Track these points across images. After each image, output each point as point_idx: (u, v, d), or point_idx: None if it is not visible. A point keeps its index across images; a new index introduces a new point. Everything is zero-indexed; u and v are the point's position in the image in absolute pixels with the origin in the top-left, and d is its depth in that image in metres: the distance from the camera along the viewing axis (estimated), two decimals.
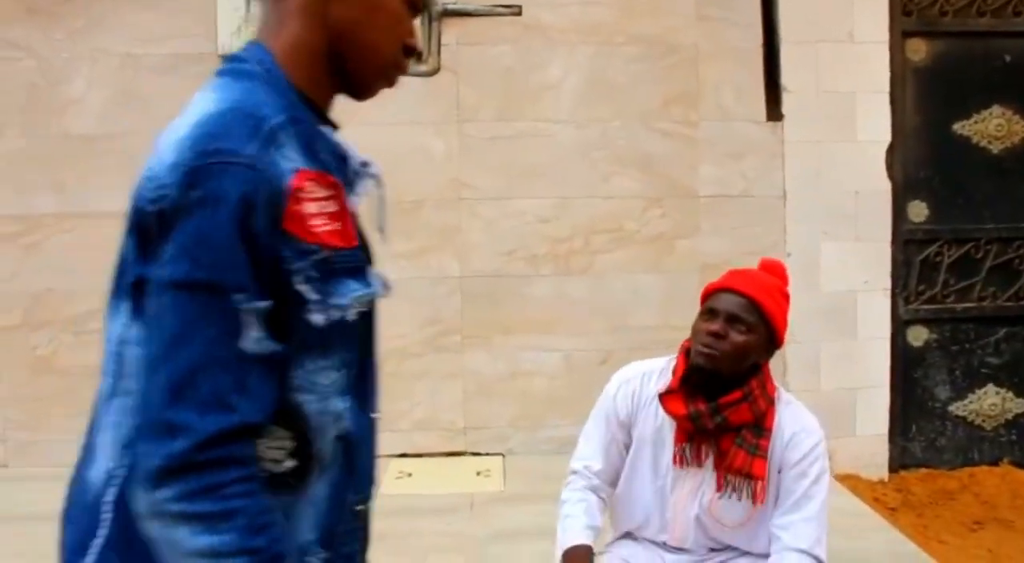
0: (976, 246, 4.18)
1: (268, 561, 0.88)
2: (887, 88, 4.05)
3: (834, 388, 4.04)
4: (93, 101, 3.91)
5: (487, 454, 3.86)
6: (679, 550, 2.12)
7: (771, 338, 1.98)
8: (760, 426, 1.99)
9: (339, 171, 1.02)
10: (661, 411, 2.05)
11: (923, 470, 4.25)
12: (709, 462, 2.02)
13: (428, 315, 3.87)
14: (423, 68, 3.91)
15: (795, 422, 2.03)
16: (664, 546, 2.15)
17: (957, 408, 4.27)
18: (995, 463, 4.30)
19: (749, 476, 1.98)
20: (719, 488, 2.02)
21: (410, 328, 3.85)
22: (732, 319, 1.94)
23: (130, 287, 0.95)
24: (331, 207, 0.95)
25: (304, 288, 0.92)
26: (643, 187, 3.96)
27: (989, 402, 4.28)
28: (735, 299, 1.96)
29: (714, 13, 3.97)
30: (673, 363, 2.11)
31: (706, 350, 1.95)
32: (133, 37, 3.88)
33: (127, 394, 0.93)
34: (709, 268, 3.55)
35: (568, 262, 3.94)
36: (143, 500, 0.87)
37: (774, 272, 2.05)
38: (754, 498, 1.98)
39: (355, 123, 3.94)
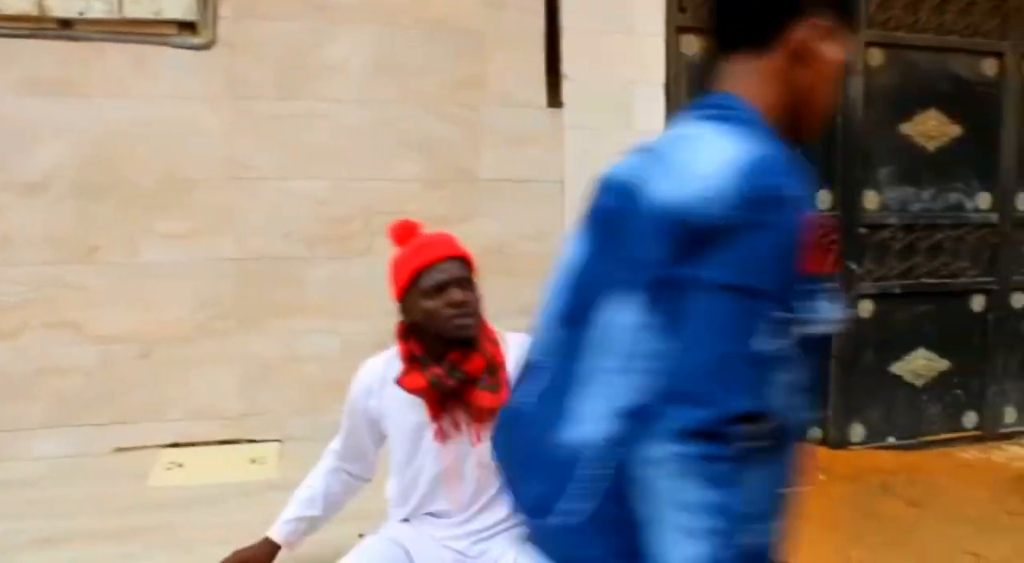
0: None
1: (747, 529, 1.04)
2: (662, 80, 4.22)
3: None
4: None
5: (264, 441, 3.77)
6: (455, 524, 2.20)
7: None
8: (494, 365, 2.11)
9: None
10: (406, 397, 2.12)
11: None
12: (466, 424, 2.12)
13: (202, 298, 3.73)
14: (196, 40, 3.74)
15: (520, 346, 2.14)
16: (447, 514, 2.21)
17: None
18: None
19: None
20: (480, 438, 2.10)
21: (184, 312, 3.70)
22: (461, 282, 2.07)
23: (648, 283, 1.14)
24: (824, 243, 1.14)
25: (808, 305, 1.11)
26: (425, 170, 3.96)
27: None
28: (453, 265, 2.09)
29: None
30: (395, 355, 2.21)
31: (462, 321, 2.05)
32: None
33: (616, 372, 1.14)
34: (489, 252, 3.60)
35: (347, 244, 3.89)
36: (662, 451, 1.03)
37: (431, 232, 2.23)
38: None
39: (119, 96, 3.78)
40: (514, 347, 2.15)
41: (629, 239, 1.20)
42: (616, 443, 1.13)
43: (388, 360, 2.24)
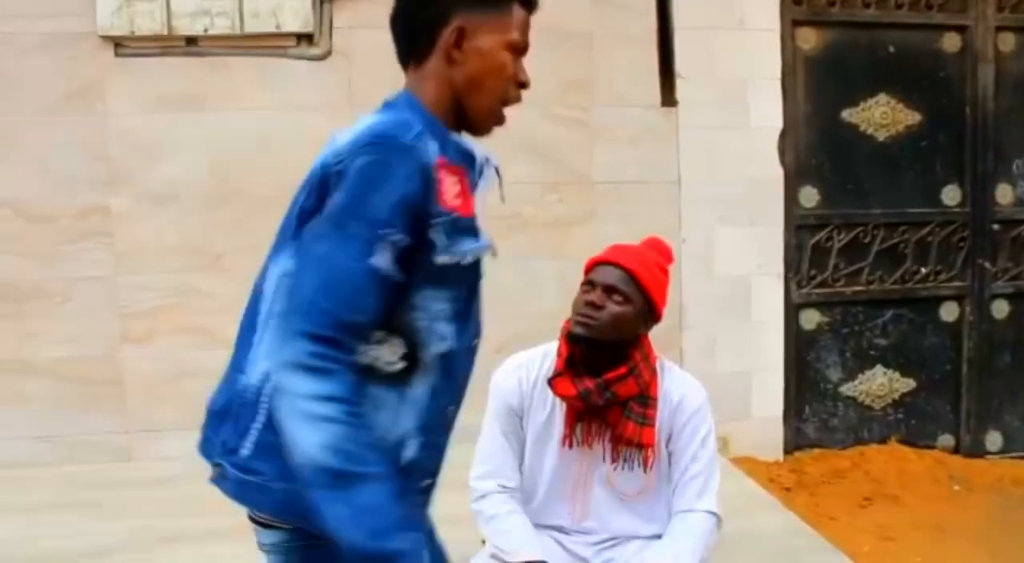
0: (864, 231, 4.29)
1: (348, 413, 1.16)
2: (778, 75, 4.12)
3: (729, 371, 4.10)
4: None
5: None
6: (578, 532, 2.15)
7: (649, 310, 2.02)
8: (646, 396, 2.04)
9: (467, 164, 1.40)
10: (551, 396, 2.09)
11: (816, 450, 4.36)
12: (601, 439, 2.07)
13: None
14: (313, 51, 3.82)
15: (679, 387, 2.09)
16: (562, 530, 2.17)
17: (848, 389, 4.39)
18: (883, 441, 4.43)
19: (640, 445, 2.03)
20: (613, 460, 2.07)
21: None
22: (609, 290, 1.99)
23: (297, 232, 1.30)
24: (457, 186, 1.32)
25: (437, 237, 1.27)
26: (540, 173, 3.95)
27: (878, 382, 4.41)
28: (613, 271, 2.01)
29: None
30: (555, 347, 2.13)
31: (583, 319, 1.99)
32: (6, 14, 3.68)
33: (278, 316, 1.24)
34: None
35: None
36: (280, 356, 1.19)
37: (656, 248, 2.10)
38: (645, 464, 2.04)
39: (241, 108, 3.88)
40: (675, 385, 2.08)
41: (294, 201, 1.37)
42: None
43: (544, 356, 2.18)
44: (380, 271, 1.23)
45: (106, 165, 3.75)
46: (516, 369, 2.16)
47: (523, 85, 1.49)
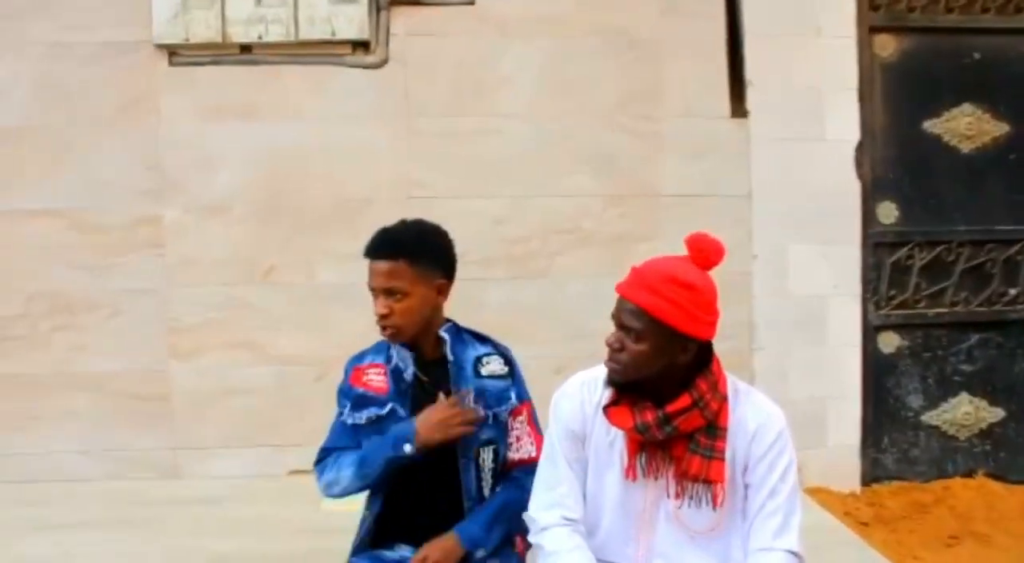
0: (948, 249, 4.03)
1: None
2: (855, 85, 3.90)
3: (803, 397, 3.86)
4: (17, 92, 3.66)
5: None
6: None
7: (676, 339, 1.78)
8: (714, 426, 1.83)
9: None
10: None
11: (896, 483, 4.08)
12: (665, 472, 1.87)
13: (372, 321, 3.64)
14: (369, 59, 3.71)
15: (757, 414, 1.86)
16: None
17: (930, 417, 4.11)
18: (970, 475, 4.13)
19: (707, 481, 1.83)
20: (678, 495, 1.86)
21: (358, 334, 3.58)
22: (624, 328, 1.79)
23: None
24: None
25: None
26: (602, 186, 3.78)
27: (963, 411, 4.11)
28: (623, 305, 1.81)
29: (678, 6, 3.81)
30: None
31: (607, 364, 1.82)
32: (62, 24, 3.65)
33: None
34: None
35: (524, 265, 3.75)
36: None
37: (692, 252, 1.85)
38: (714, 502, 1.83)
39: (295, 117, 3.80)
40: (751, 412, 1.87)
41: None
42: None
43: (592, 378, 1.99)
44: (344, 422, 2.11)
45: (158, 175, 3.68)
46: (578, 390, 1.97)
47: (377, 316, 2.02)
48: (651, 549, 1.93)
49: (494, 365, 2.14)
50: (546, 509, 1.96)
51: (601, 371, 1.99)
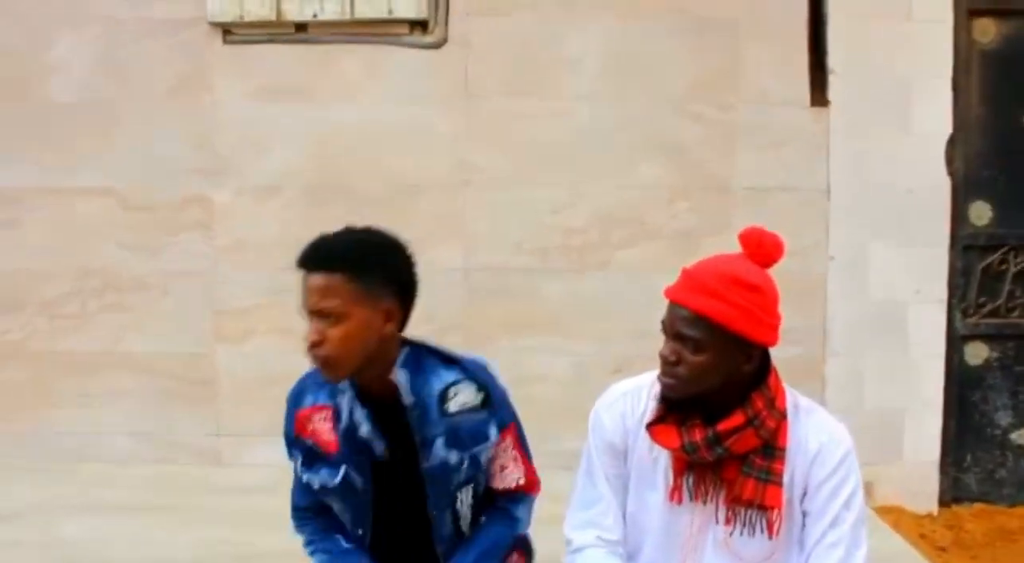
0: None
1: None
2: (949, 73, 3.60)
3: (879, 408, 3.60)
4: (75, 68, 3.62)
5: None
6: None
7: (740, 346, 1.60)
8: (771, 447, 1.64)
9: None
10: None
11: (979, 505, 3.78)
12: (714, 496, 1.68)
13: (427, 310, 3.47)
14: (428, 39, 3.57)
15: (819, 433, 1.67)
16: None
17: (1020, 436, 3.80)
18: None
19: (762, 507, 1.64)
20: (729, 521, 1.67)
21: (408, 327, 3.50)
22: (679, 338, 1.59)
23: None
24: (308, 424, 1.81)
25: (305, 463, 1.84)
26: (670, 176, 3.57)
27: None
28: (678, 313, 1.61)
29: None
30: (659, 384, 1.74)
31: (662, 379, 1.62)
32: (118, 0, 3.59)
33: None
34: None
35: (583, 257, 3.57)
36: None
37: (752, 250, 1.66)
38: (769, 530, 1.64)
39: (350, 99, 3.67)
40: (813, 431, 1.68)
41: None
42: None
43: (653, 386, 1.80)
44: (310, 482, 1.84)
45: (210, 155, 3.60)
46: (619, 400, 1.78)
47: (308, 345, 1.66)
48: None
49: (463, 396, 1.77)
50: (581, 529, 1.78)
51: (645, 380, 1.79)
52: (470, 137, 3.57)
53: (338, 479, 1.76)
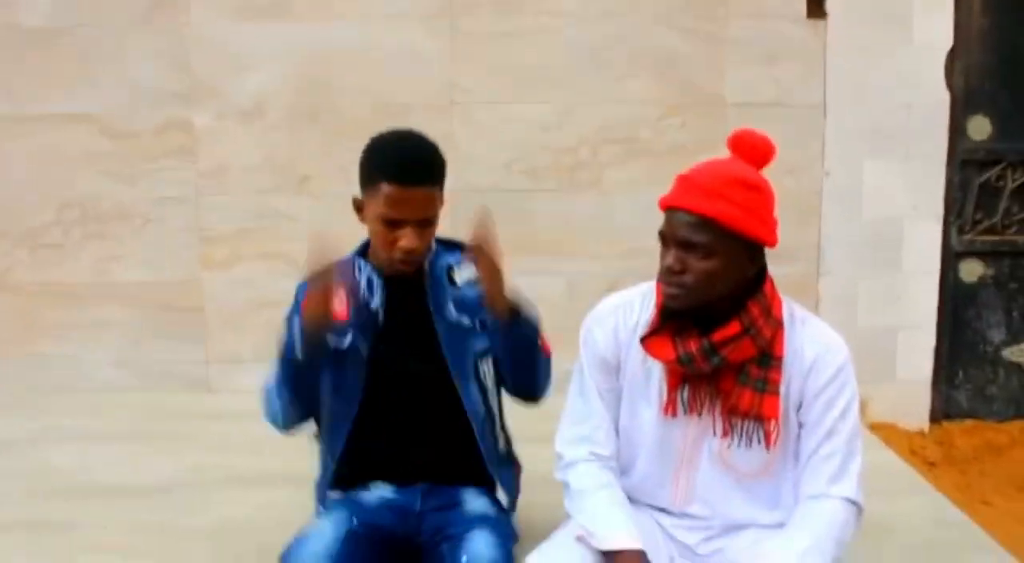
0: None
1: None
2: None
3: (872, 326, 3.58)
4: None
5: None
6: (684, 515, 1.76)
7: (748, 248, 1.58)
8: (768, 356, 1.62)
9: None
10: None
11: (968, 421, 3.80)
12: (711, 408, 1.68)
13: None
14: None
15: (816, 344, 1.65)
16: (664, 512, 1.79)
17: (1011, 353, 3.79)
18: None
19: (759, 418, 1.63)
20: (726, 433, 1.67)
21: None
22: (685, 245, 1.56)
23: None
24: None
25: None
26: (660, 92, 3.47)
27: None
28: (682, 219, 1.57)
29: None
30: (653, 294, 1.73)
31: (668, 289, 1.60)
32: None
33: None
34: None
35: (574, 176, 3.49)
36: None
37: (742, 152, 1.64)
38: (766, 441, 1.64)
39: (334, 16, 3.54)
40: (808, 341, 1.65)
41: None
42: None
43: (644, 298, 1.76)
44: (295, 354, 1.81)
45: (188, 78, 3.48)
46: (611, 313, 1.77)
47: (406, 251, 1.79)
48: (690, 492, 1.74)
49: (466, 272, 1.92)
50: (573, 444, 1.78)
51: (636, 293, 1.78)
52: (456, 57, 3.46)
53: (346, 343, 1.85)
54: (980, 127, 3.63)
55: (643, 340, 1.66)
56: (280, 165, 3.50)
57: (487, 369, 1.94)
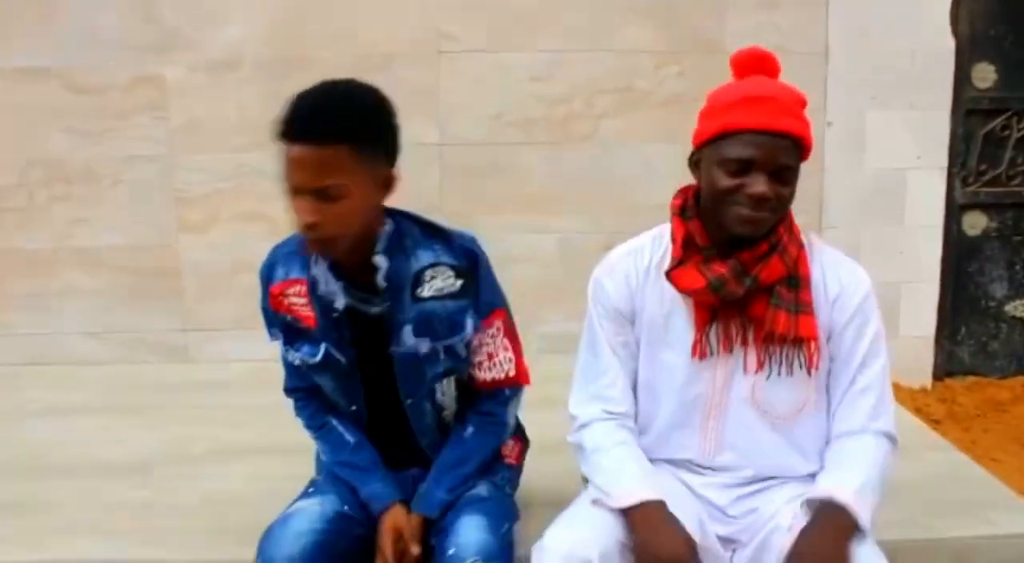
0: None
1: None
2: None
3: (875, 282, 3.40)
4: None
5: None
6: (709, 469, 1.67)
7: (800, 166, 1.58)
8: (795, 277, 1.55)
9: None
10: (667, 293, 1.62)
11: (971, 378, 3.74)
12: (743, 341, 1.59)
13: (403, 189, 3.27)
14: None
15: (837, 273, 1.61)
16: (691, 469, 1.69)
17: (1014, 308, 3.71)
18: None
19: (798, 340, 1.55)
20: (761, 366, 1.58)
21: None
22: (780, 171, 1.50)
23: None
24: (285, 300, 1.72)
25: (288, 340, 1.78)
26: (658, 40, 3.32)
27: None
28: (777, 144, 1.49)
29: None
30: (667, 232, 1.65)
31: (754, 215, 1.50)
32: None
33: None
34: None
35: (567, 128, 3.34)
36: None
37: (765, 61, 1.61)
38: (808, 365, 1.56)
39: None
40: (831, 270, 1.62)
41: None
42: None
43: (654, 241, 1.67)
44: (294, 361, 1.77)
45: (158, 29, 3.27)
46: (620, 262, 1.67)
47: (302, 227, 1.52)
48: (720, 441, 1.65)
49: (439, 281, 1.65)
50: (586, 403, 1.67)
51: (647, 237, 1.70)
52: (442, 3, 3.29)
53: (319, 356, 1.67)
54: (984, 74, 3.51)
55: (668, 274, 1.58)
56: (256, 120, 3.30)
57: (447, 389, 1.74)
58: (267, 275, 1.74)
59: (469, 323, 1.69)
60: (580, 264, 1.82)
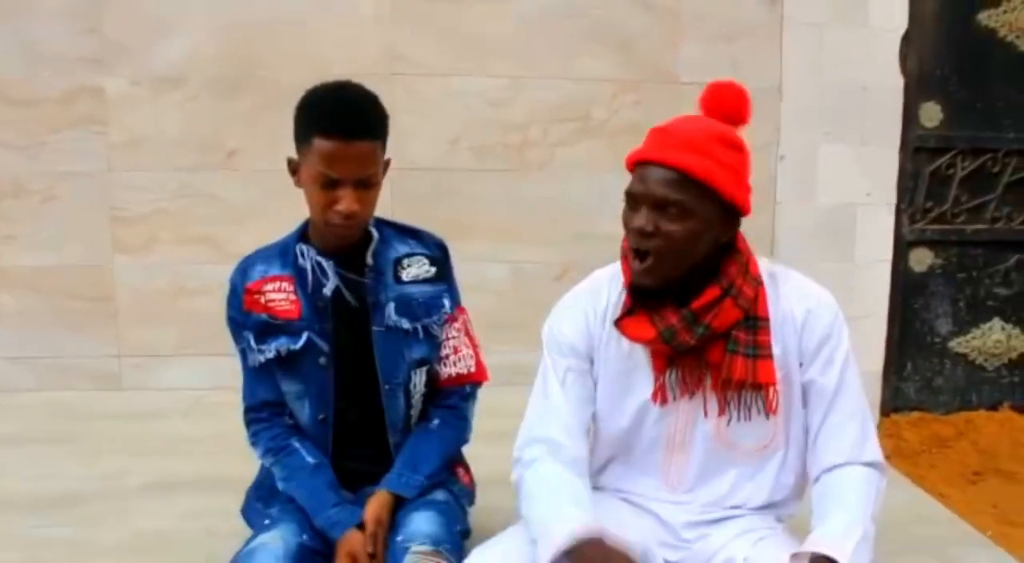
0: (994, 159, 3.61)
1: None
2: None
3: None
4: None
5: None
6: (670, 503, 1.63)
7: (723, 211, 1.46)
8: (753, 318, 1.50)
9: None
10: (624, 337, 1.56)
11: (915, 414, 3.77)
12: (702, 386, 1.55)
13: None
14: None
15: (805, 300, 1.56)
16: (646, 497, 1.66)
17: (958, 344, 3.76)
18: (994, 407, 3.83)
19: (756, 385, 1.50)
20: (722, 411, 1.54)
21: None
22: (659, 204, 1.42)
23: None
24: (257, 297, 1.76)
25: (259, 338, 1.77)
26: (616, 69, 3.31)
27: (994, 339, 3.77)
28: (658, 175, 1.43)
29: None
30: (620, 275, 1.59)
31: (636, 262, 1.46)
32: None
33: None
34: None
35: (522, 155, 3.30)
36: None
37: (719, 105, 1.56)
38: (767, 408, 1.52)
39: None
40: (795, 297, 1.56)
41: None
42: None
43: (611, 281, 1.63)
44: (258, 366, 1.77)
45: (100, 40, 3.15)
46: (577, 301, 1.62)
47: (344, 215, 1.62)
48: (682, 477, 1.60)
49: (415, 268, 1.80)
50: (529, 445, 1.58)
51: (601, 277, 1.65)
52: (397, 23, 3.23)
53: (300, 344, 1.71)
54: (931, 114, 3.57)
55: (617, 323, 1.53)
56: (203, 138, 3.21)
57: (419, 380, 1.80)
58: (241, 277, 1.78)
59: (447, 303, 1.82)
60: (533, 294, 1.80)
